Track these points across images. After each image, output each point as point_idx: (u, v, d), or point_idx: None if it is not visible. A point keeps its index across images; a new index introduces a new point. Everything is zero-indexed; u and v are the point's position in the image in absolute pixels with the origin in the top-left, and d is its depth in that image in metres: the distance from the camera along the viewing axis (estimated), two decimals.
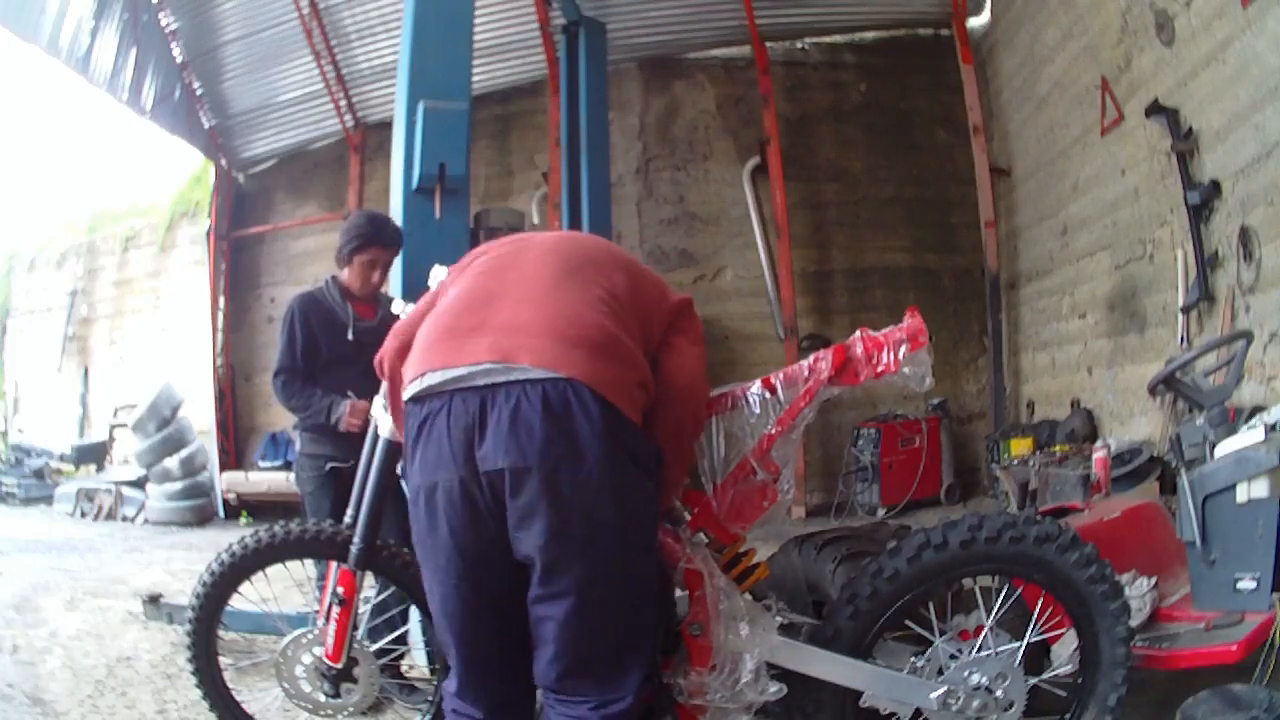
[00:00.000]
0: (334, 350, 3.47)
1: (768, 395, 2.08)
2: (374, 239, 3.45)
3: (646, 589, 1.82)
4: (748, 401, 2.08)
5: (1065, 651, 2.30)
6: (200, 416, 9.60)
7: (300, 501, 3.60)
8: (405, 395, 1.82)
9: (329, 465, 3.41)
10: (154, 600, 4.50)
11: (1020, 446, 6.68)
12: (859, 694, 2.08)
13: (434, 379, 1.73)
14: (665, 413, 1.86)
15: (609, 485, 1.65)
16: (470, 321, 1.77)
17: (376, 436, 2.54)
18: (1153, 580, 2.82)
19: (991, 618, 2.13)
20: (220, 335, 9.89)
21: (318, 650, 2.54)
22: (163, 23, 8.85)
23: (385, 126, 7.98)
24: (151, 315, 11.21)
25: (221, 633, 2.72)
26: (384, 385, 2.25)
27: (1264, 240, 4.38)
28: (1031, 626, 2.16)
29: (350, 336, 3.44)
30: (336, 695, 2.55)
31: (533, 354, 1.65)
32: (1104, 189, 6.28)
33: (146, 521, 8.94)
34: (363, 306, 3.56)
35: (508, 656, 1.84)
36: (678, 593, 2.03)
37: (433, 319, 1.88)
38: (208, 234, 10.00)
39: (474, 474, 1.67)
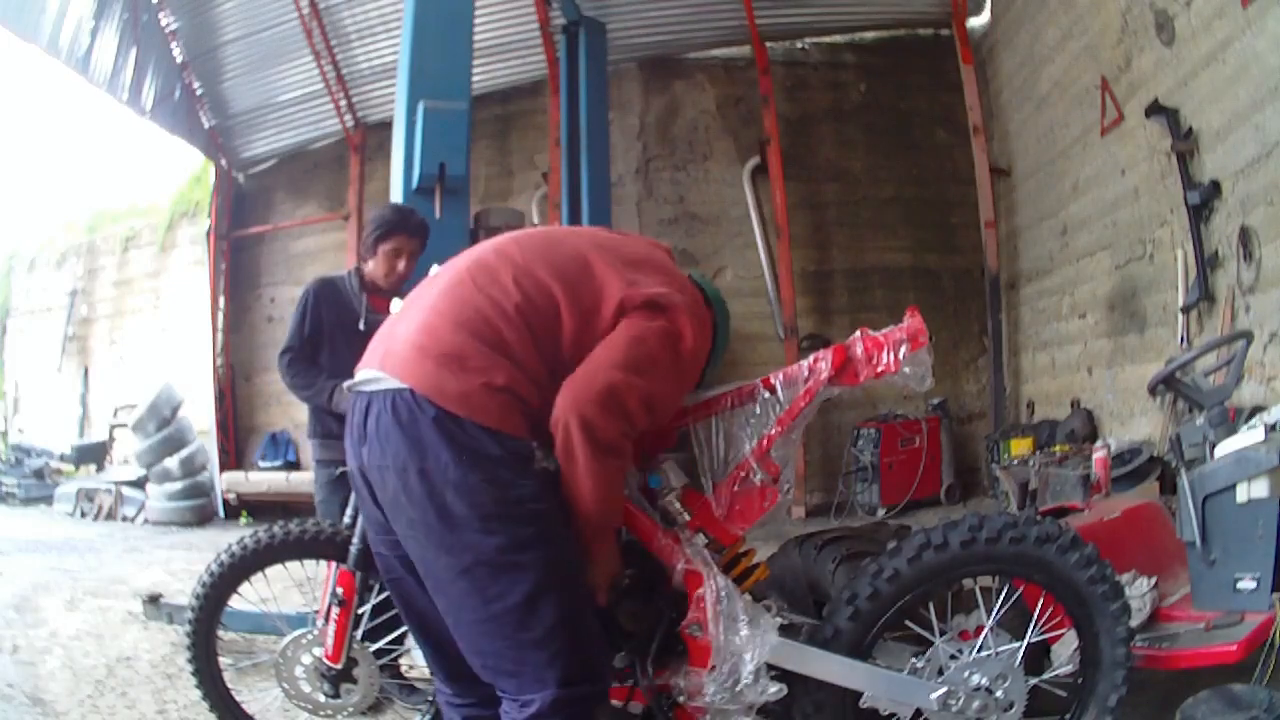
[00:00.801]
0: (341, 337, 3.48)
1: (767, 395, 2.07)
2: (398, 226, 3.47)
3: (527, 590, 1.75)
4: (747, 401, 2.08)
5: (1065, 652, 2.30)
6: (200, 416, 9.60)
7: (299, 502, 3.62)
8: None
9: (339, 470, 3.42)
10: (154, 600, 4.50)
11: (1020, 446, 6.68)
12: (859, 694, 2.08)
13: (357, 377, 1.94)
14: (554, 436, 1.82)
15: (452, 484, 1.74)
16: (388, 329, 1.98)
17: None
18: (1153, 580, 2.82)
19: (992, 618, 2.12)
20: (220, 335, 9.89)
21: (317, 651, 2.54)
22: (163, 23, 8.85)
23: (385, 126, 7.97)
24: (151, 315, 11.21)
25: (221, 633, 2.72)
26: None
27: (1264, 240, 4.38)
28: (1032, 627, 2.16)
29: (362, 327, 3.45)
30: (336, 696, 2.55)
31: (394, 366, 1.83)
32: (1104, 189, 6.28)
33: (146, 521, 8.94)
34: (379, 300, 3.54)
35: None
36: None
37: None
38: (208, 234, 10.00)
39: (362, 467, 1.88)
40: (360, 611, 2.58)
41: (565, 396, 1.80)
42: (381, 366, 1.85)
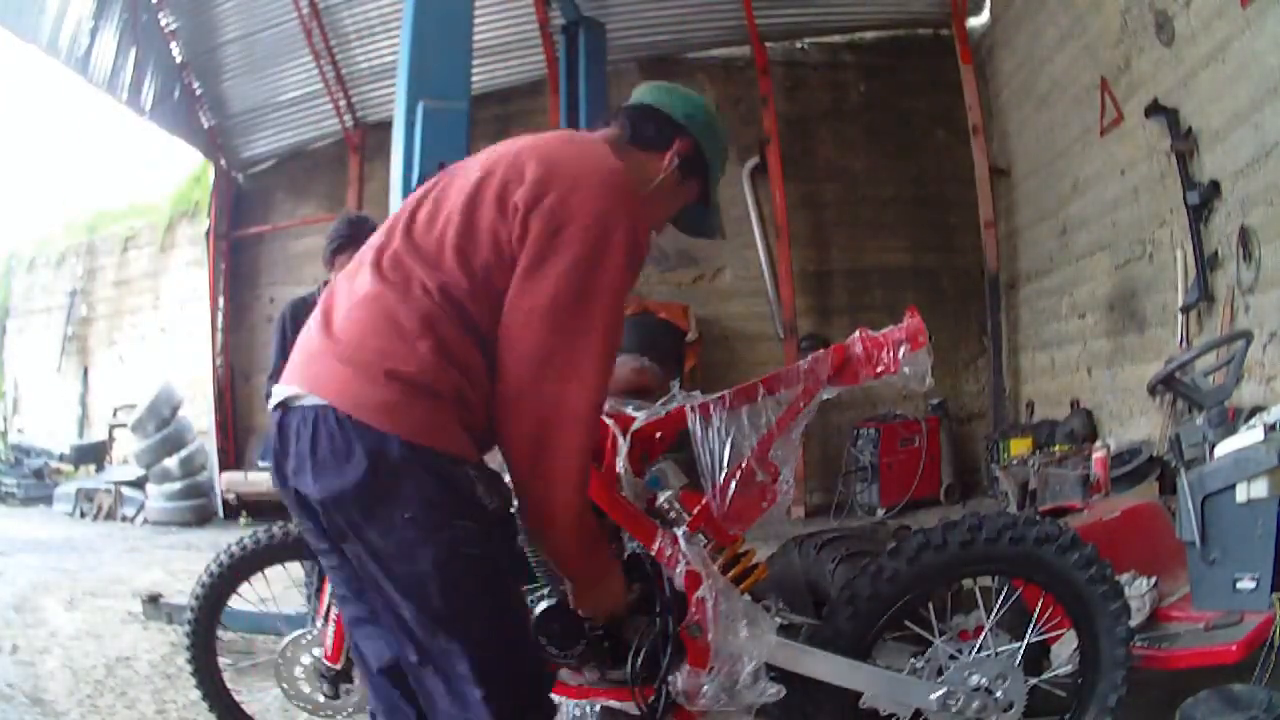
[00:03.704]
0: None
1: (767, 395, 2.07)
2: (351, 241, 3.54)
3: (439, 639, 1.49)
4: (746, 401, 2.08)
5: (1065, 652, 2.30)
6: (200, 416, 9.60)
7: None
8: None
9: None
10: (154, 600, 4.51)
11: (1020, 446, 6.68)
12: (859, 695, 2.08)
13: (276, 393, 1.65)
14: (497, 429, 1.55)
15: (377, 523, 1.46)
16: (305, 335, 1.65)
17: None
18: (1153, 580, 2.82)
19: (991, 618, 2.12)
20: (220, 335, 9.89)
21: (317, 651, 2.54)
22: (163, 23, 8.85)
23: (385, 126, 7.95)
24: (151, 315, 11.21)
25: (221, 633, 2.72)
26: None
27: (1264, 240, 4.38)
28: (1031, 627, 2.16)
29: None
30: (336, 696, 2.55)
31: (312, 379, 1.54)
32: (1104, 189, 6.28)
33: (146, 521, 8.94)
34: None
35: None
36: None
37: None
38: (207, 234, 10.00)
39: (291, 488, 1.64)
40: None
41: (505, 400, 1.52)
42: (301, 381, 1.54)
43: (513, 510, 1.61)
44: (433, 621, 1.49)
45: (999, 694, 2.08)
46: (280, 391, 1.58)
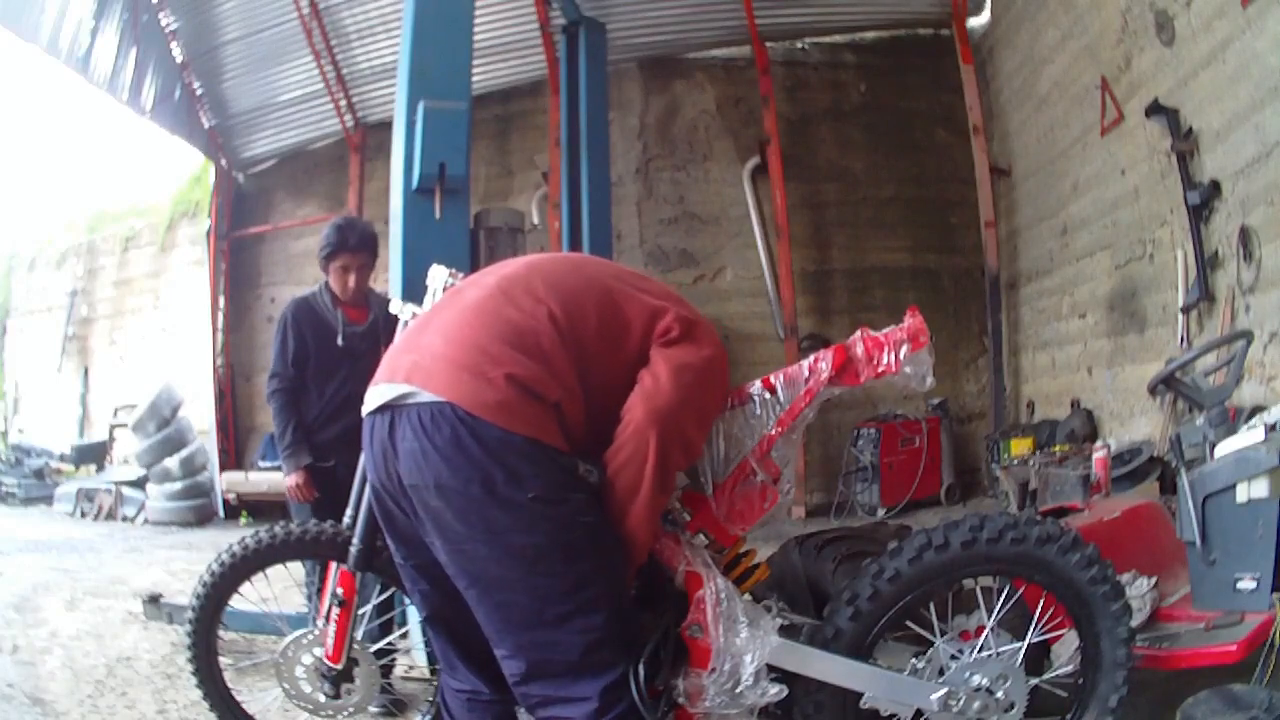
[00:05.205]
0: (324, 355, 3.61)
1: (768, 395, 2.07)
2: (340, 246, 3.60)
3: (581, 602, 1.77)
4: (747, 402, 2.07)
5: (1066, 652, 2.30)
6: (200, 416, 9.61)
7: None
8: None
9: (308, 464, 3.54)
10: (154, 600, 4.50)
11: (1020, 446, 6.68)
12: (859, 695, 2.08)
13: (376, 393, 1.86)
14: (613, 445, 1.84)
15: (499, 501, 1.71)
16: (411, 341, 1.94)
17: None
18: (1153, 580, 2.83)
19: (992, 618, 2.12)
20: (220, 335, 9.90)
21: (318, 651, 2.54)
22: (163, 23, 8.85)
23: (385, 126, 7.98)
24: (151, 315, 11.22)
25: (222, 633, 2.72)
26: None
27: (1264, 240, 4.38)
28: (1032, 627, 2.16)
29: (340, 342, 3.55)
30: (337, 696, 2.55)
31: (425, 379, 1.77)
32: (1104, 189, 6.28)
33: (146, 521, 8.95)
34: (353, 311, 3.66)
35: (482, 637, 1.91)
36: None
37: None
38: (208, 234, 10.01)
39: (386, 484, 1.87)
40: (360, 612, 2.58)
41: (631, 435, 1.79)
42: (409, 379, 1.78)
43: None
44: (556, 585, 1.75)
45: (1000, 694, 2.08)
46: (385, 392, 1.81)
